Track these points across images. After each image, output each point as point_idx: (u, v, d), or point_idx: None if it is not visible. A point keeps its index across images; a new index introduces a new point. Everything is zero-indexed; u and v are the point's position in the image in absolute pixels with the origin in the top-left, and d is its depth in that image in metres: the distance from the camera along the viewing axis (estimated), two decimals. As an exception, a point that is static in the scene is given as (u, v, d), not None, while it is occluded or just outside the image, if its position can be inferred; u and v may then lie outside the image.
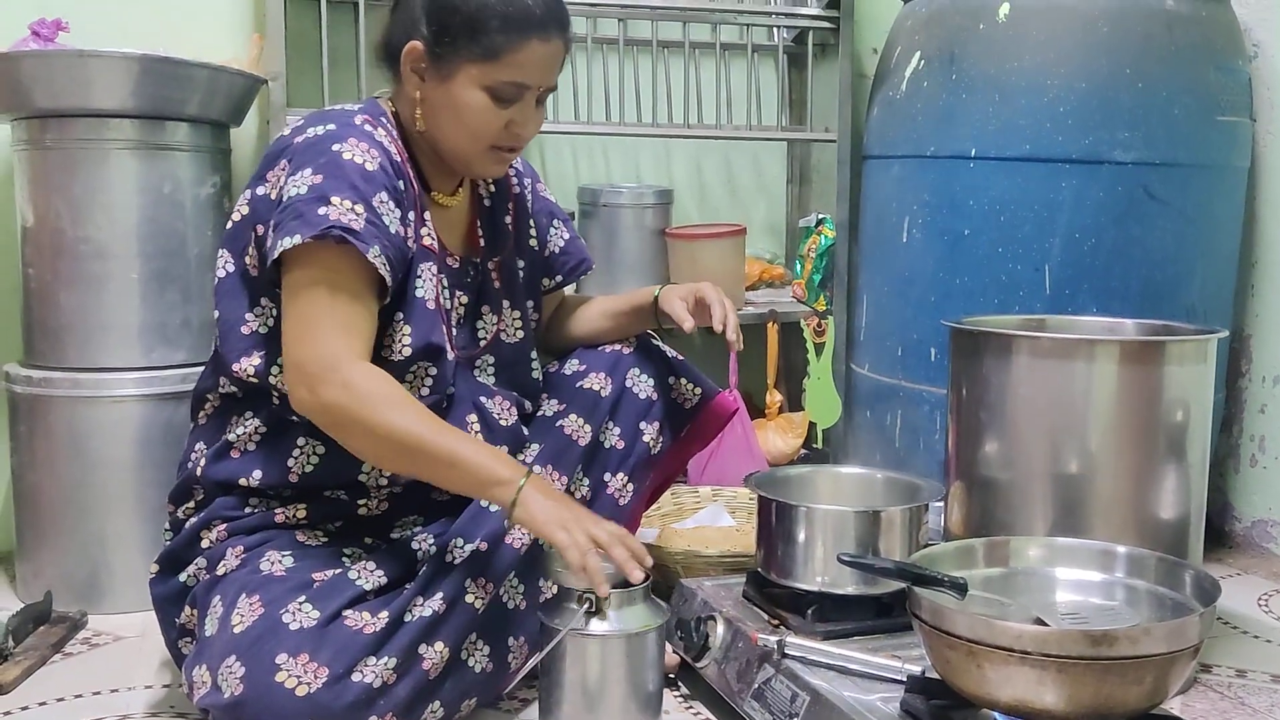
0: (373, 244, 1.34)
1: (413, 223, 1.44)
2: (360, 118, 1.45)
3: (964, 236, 2.10)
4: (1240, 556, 2.29)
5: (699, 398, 1.73)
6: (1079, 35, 2.02)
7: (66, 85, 1.89)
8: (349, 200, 1.34)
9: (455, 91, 1.43)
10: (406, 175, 1.46)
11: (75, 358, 1.94)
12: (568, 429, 1.61)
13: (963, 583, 1.32)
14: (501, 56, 1.41)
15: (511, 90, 1.43)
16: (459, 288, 1.55)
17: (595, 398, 1.64)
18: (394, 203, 1.40)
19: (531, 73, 1.43)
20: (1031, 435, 1.61)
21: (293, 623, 1.33)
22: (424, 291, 1.45)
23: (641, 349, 1.72)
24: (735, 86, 2.58)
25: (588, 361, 1.70)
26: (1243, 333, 2.32)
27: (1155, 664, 1.17)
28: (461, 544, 1.46)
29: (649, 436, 1.67)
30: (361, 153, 1.39)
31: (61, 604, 1.88)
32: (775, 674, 1.40)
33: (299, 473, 1.47)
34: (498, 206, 1.65)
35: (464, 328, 1.57)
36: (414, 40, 1.43)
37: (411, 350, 1.43)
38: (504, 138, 1.47)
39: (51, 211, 1.92)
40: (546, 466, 1.58)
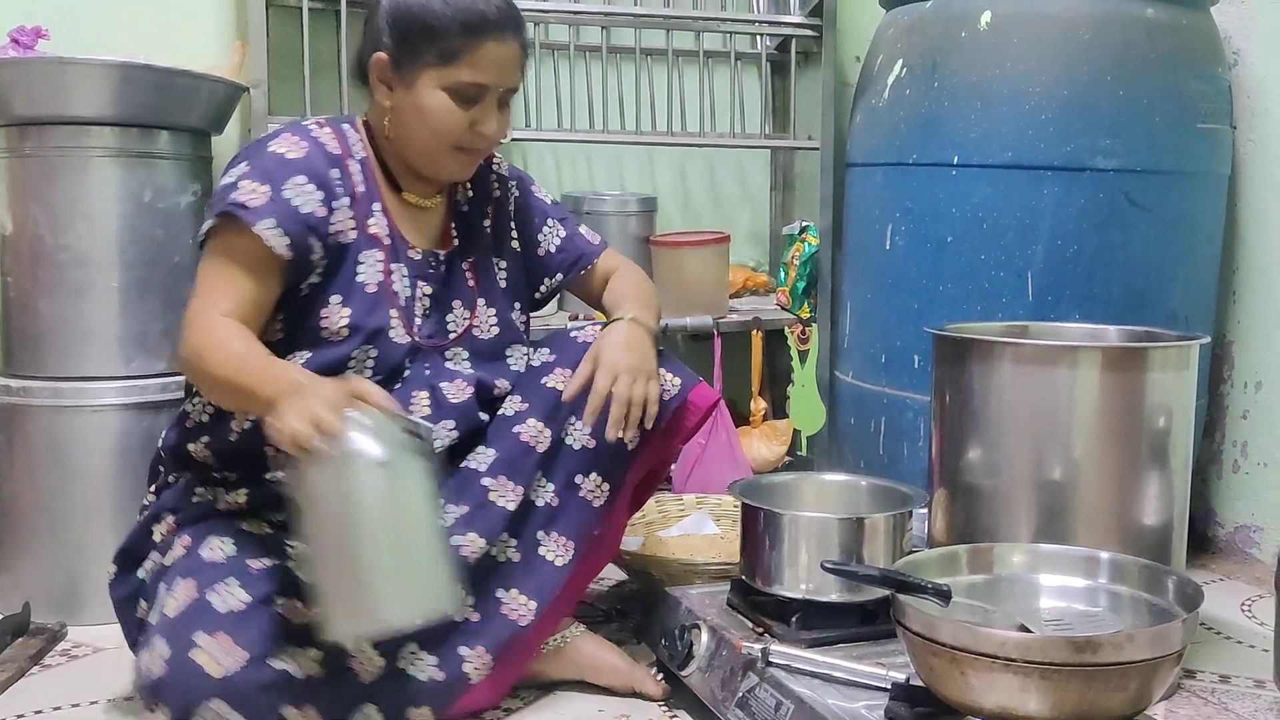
0: (265, 218, 1.42)
1: (351, 212, 1.52)
2: (314, 122, 1.56)
3: (947, 244, 2.10)
4: (1223, 562, 2.30)
5: (678, 389, 1.67)
6: (1060, 43, 2.03)
7: (46, 93, 1.88)
8: (255, 182, 1.44)
9: (419, 95, 1.51)
10: (346, 169, 1.53)
11: (55, 367, 1.93)
12: (524, 435, 1.61)
13: (946, 590, 1.31)
14: (460, 58, 1.49)
15: (472, 90, 1.51)
16: (421, 279, 1.59)
17: (556, 398, 1.62)
18: (316, 186, 1.47)
19: (489, 73, 1.51)
20: (1015, 442, 1.61)
21: (220, 604, 1.35)
22: (365, 277, 1.52)
23: None
24: (719, 94, 2.58)
25: (559, 351, 1.68)
26: (1225, 338, 2.33)
27: (1139, 670, 1.17)
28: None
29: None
30: (289, 144, 1.49)
31: (40, 615, 1.86)
32: (759, 682, 1.39)
33: (239, 430, 1.50)
34: (474, 210, 1.69)
35: (431, 318, 1.60)
36: (379, 52, 1.52)
37: (349, 330, 1.50)
38: (467, 138, 1.53)
39: (31, 219, 1.91)
40: (499, 477, 1.58)
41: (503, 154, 2.60)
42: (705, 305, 2.45)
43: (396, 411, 1.32)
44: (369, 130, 1.60)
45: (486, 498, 1.56)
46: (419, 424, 1.34)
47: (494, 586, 1.55)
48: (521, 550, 1.58)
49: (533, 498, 1.60)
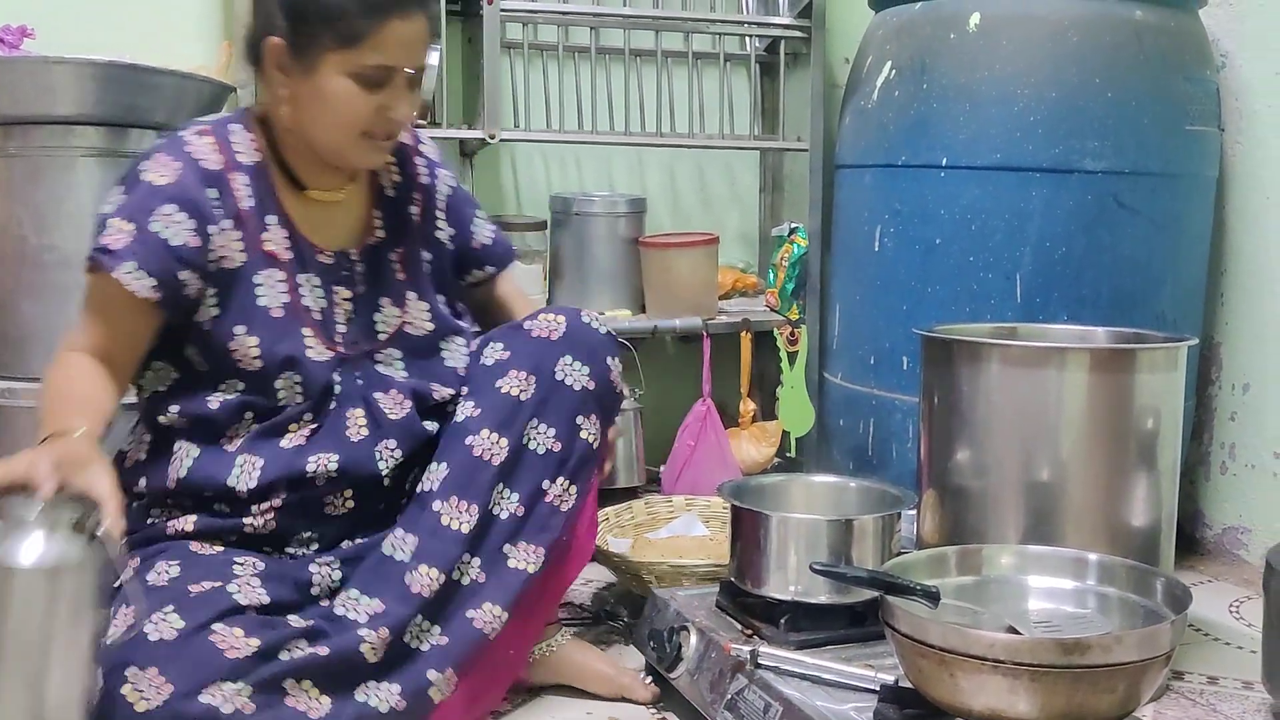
0: (124, 260, 1.36)
1: (238, 233, 1.43)
2: (195, 130, 1.46)
3: (935, 245, 2.10)
4: (1211, 563, 2.30)
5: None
6: (1049, 45, 2.03)
7: (30, 92, 1.87)
8: (122, 219, 1.38)
9: (321, 82, 1.40)
10: (229, 185, 1.43)
11: (39, 368, 1.87)
12: (477, 449, 1.51)
13: (935, 591, 1.31)
14: (363, 40, 1.38)
15: (378, 74, 1.40)
16: (336, 283, 1.51)
17: (513, 404, 1.53)
18: (188, 214, 1.39)
19: (396, 53, 1.40)
20: (1003, 443, 1.61)
21: (153, 634, 1.28)
22: (267, 300, 1.45)
23: (574, 328, 1.58)
24: (708, 95, 2.58)
25: (513, 348, 1.57)
26: (1213, 340, 2.34)
27: (1127, 672, 1.17)
28: (357, 596, 1.43)
29: (588, 432, 1.56)
30: (160, 167, 1.40)
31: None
32: (748, 684, 1.39)
33: (176, 477, 1.45)
34: (402, 197, 1.60)
35: (356, 323, 1.52)
36: (273, 36, 1.40)
37: (262, 362, 1.44)
38: (377, 124, 1.43)
39: (14, 220, 1.90)
40: (450, 499, 1.48)
41: (491, 154, 2.60)
42: (694, 306, 2.45)
43: (102, 505, 1.20)
44: (264, 125, 1.49)
45: (439, 523, 1.47)
46: (96, 521, 1.20)
47: (462, 610, 1.47)
48: (487, 569, 1.49)
49: (494, 510, 1.51)
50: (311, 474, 1.45)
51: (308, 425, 1.48)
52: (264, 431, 1.46)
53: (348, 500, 1.51)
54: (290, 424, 1.47)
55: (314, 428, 1.48)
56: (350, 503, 1.51)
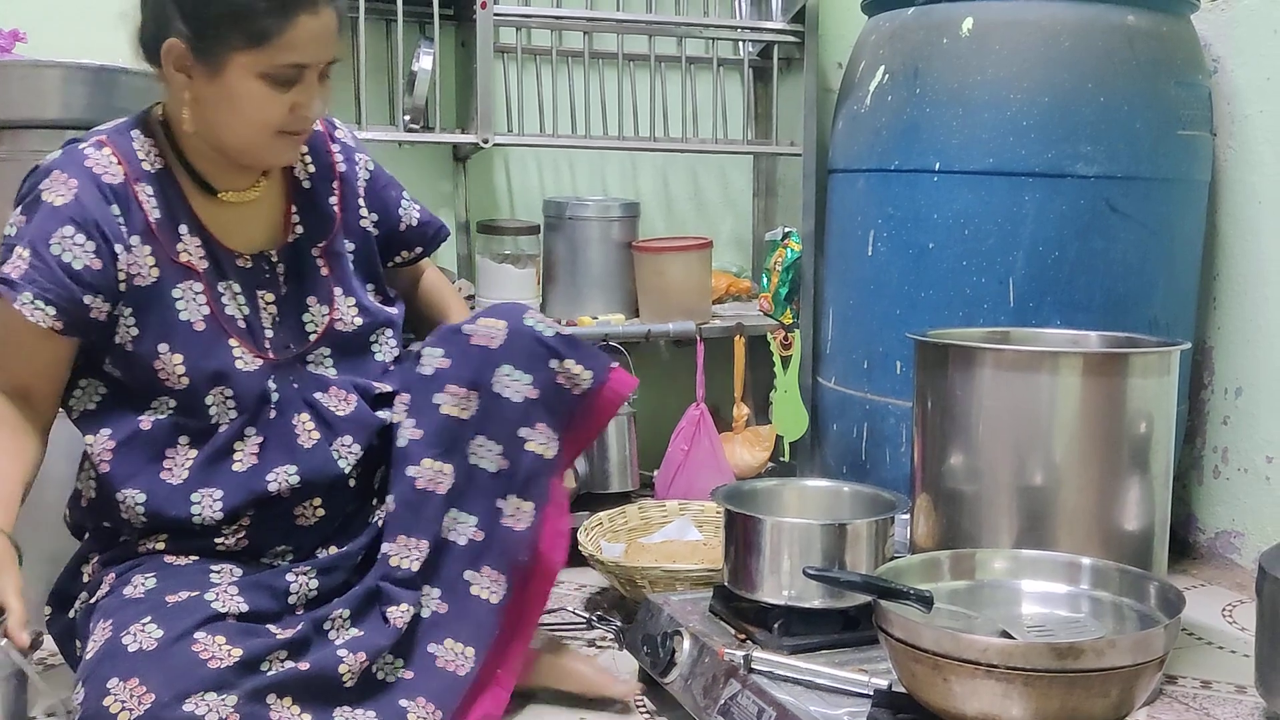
0: (23, 291, 1.32)
1: (148, 248, 1.39)
2: (93, 139, 1.40)
3: (928, 250, 2.10)
4: (1204, 567, 2.30)
5: (590, 381, 1.51)
6: (1041, 50, 2.04)
7: (22, 96, 1.86)
8: (20, 245, 1.34)
9: (229, 84, 1.34)
10: (133, 198, 1.38)
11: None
12: (420, 480, 1.47)
13: (928, 596, 1.31)
14: (272, 40, 1.32)
15: (290, 73, 1.35)
16: (258, 287, 1.47)
17: (455, 425, 1.48)
18: (86, 236, 1.34)
19: (307, 50, 1.35)
20: (996, 447, 1.61)
21: (132, 644, 1.27)
22: (188, 314, 1.41)
23: (514, 335, 1.50)
24: (701, 100, 2.58)
25: (452, 356, 1.51)
26: (1205, 344, 2.34)
27: (1121, 676, 1.17)
28: (346, 619, 1.43)
29: (535, 443, 1.49)
30: (58, 185, 1.35)
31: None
32: (742, 689, 1.39)
33: (135, 525, 1.43)
34: (320, 188, 1.54)
35: (284, 325, 1.49)
36: (172, 38, 1.34)
37: (189, 379, 1.40)
38: (290, 122, 1.38)
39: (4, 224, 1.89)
40: (398, 539, 1.46)
41: (485, 159, 2.60)
42: (688, 311, 2.45)
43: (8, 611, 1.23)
44: (166, 127, 1.43)
45: (389, 565, 1.46)
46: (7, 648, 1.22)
47: (424, 643, 1.44)
48: (448, 599, 1.46)
49: (449, 537, 1.48)
50: (275, 492, 1.43)
51: (253, 441, 1.44)
52: (210, 459, 1.43)
53: (317, 509, 1.49)
54: (234, 442, 1.44)
55: (260, 441, 1.44)
56: (320, 510, 1.49)
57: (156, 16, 1.36)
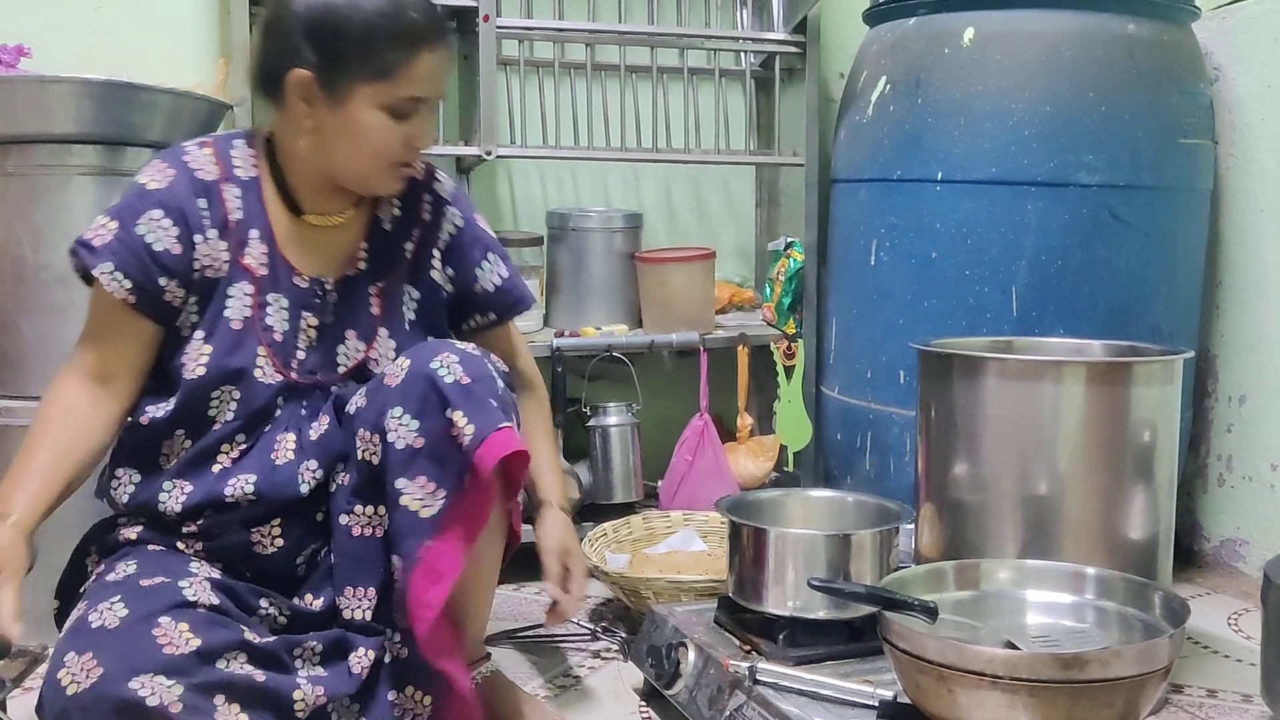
0: (104, 260, 1.39)
1: (224, 243, 1.44)
2: (197, 141, 1.49)
3: (931, 259, 2.11)
4: (1209, 576, 2.30)
5: (471, 437, 1.36)
6: (1042, 59, 2.04)
7: (28, 111, 1.87)
8: (107, 218, 1.41)
9: (352, 115, 1.42)
10: (219, 196, 1.45)
11: (37, 386, 1.89)
12: (355, 528, 1.44)
13: (933, 607, 1.31)
14: (396, 73, 1.40)
15: (409, 105, 1.43)
16: (306, 309, 1.49)
17: (369, 469, 1.42)
18: (173, 221, 1.41)
19: (426, 85, 1.43)
20: (1000, 457, 1.61)
21: (96, 621, 1.28)
22: (231, 311, 1.45)
23: (412, 376, 1.41)
24: (703, 111, 2.58)
25: (368, 397, 1.45)
26: (1209, 353, 2.34)
27: (1126, 686, 1.17)
28: (317, 651, 1.41)
29: (410, 497, 1.38)
30: (154, 173, 1.44)
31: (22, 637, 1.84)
32: (747, 700, 1.39)
33: (119, 500, 1.47)
34: (398, 232, 1.57)
35: (317, 351, 1.50)
36: (299, 68, 1.40)
37: (206, 371, 1.43)
38: (403, 154, 1.46)
39: (13, 238, 1.90)
40: (345, 590, 1.43)
41: (488, 171, 2.61)
42: (691, 321, 2.45)
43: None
44: (270, 145, 1.49)
45: (344, 617, 1.43)
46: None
47: (385, 689, 1.42)
48: (408, 643, 1.40)
49: (398, 579, 1.41)
50: (230, 498, 1.43)
51: (238, 447, 1.46)
52: (198, 455, 1.44)
53: (276, 537, 1.47)
54: (222, 444, 1.45)
55: (243, 449, 1.46)
56: (279, 539, 1.47)
57: (283, 48, 1.41)
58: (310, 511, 1.48)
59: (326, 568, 1.48)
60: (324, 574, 1.49)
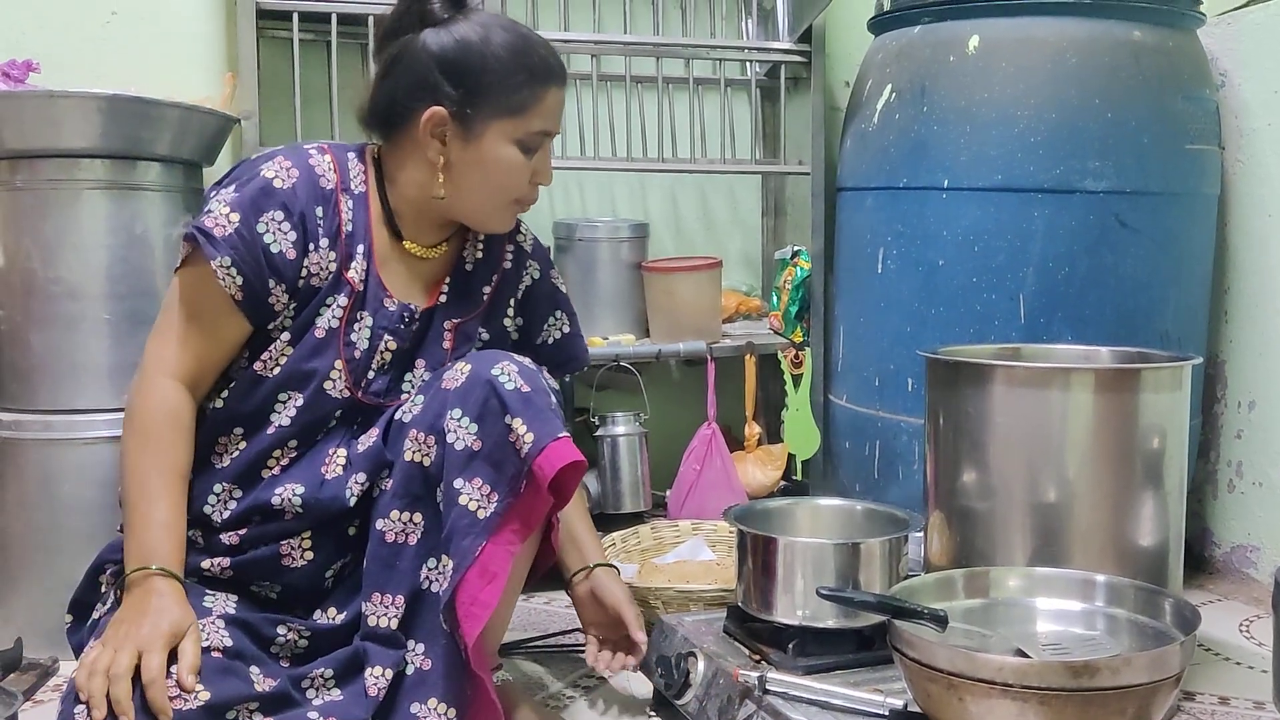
0: (223, 252, 1.37)
1: (332, 253, 1.45)
2: (316, 146, 1.48)
3: (938, 267, 2.11)
4: (1220, 582, 2.29)
5: (531, 445, 1.37)
6: (1048, 66, 2.04)
7: (37, 126, 1.88)
8: (228, 209, 1.39)
9: (486, 149, 1.45)
10: (336, 206, 1.45)
11: (46, 400, 1.92)
12: (390, 534, 1.43)
13: (943, 615, 1.31)
14: (530, 109, 1.45)
15: (539, 140, 1.47)
16: (390, 332, 1.50)
17: (418, 473, 1.43)
18: (292, 226, 1.41)
19: (552, 119, 1.48)
20: (1009, 464, 1.61)
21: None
22: (321, 320, 1.45)
23: (473, 380, 1.42)
24: (709, 120, 2.59)
25: (424, 401, 1.46)
26: (1217, 358, 2.34)
27: (1137, 694, 1.16)
28: (329, 678, 1.41)
29: (467, 497, 1.38)
30: (279, 169, 1.42)
31: (32, 650, 1.85)
32: (757, 710, 1.39)
33: (221, 518, 1.45)
34: (479, 273, 1.59)
35: (387, 374, 1.51)
36: (436, 105, 1.43)
37: (281, 370, 1.44)
38: (528, 189, 1.50)
39: (22, 252, 1.91)
40: (373, 597, 1.42)
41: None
42: (698, 330, 2.45)
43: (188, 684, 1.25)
44: (379, 168, 1.51)
45: (369, 625, 1.42)
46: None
47: (407, 702, 1.39)
48: (432, 654, 1.40)
49: (431, 588, 1.41)
50: (278, 506, 1.44)
51: (289, 455, 1.46)
52: (251, 464, 1.45)
53: (305, 550, 1.47)
54: (275, 449, 1.45)
55: (294, 458, 1.46)
56: (309, 552, 1.47)
57: (416, 85, 1.44)
58: (344, 525, 1.48)
59: (355, 582, 1.47)
60: (351, 588, 1.48)
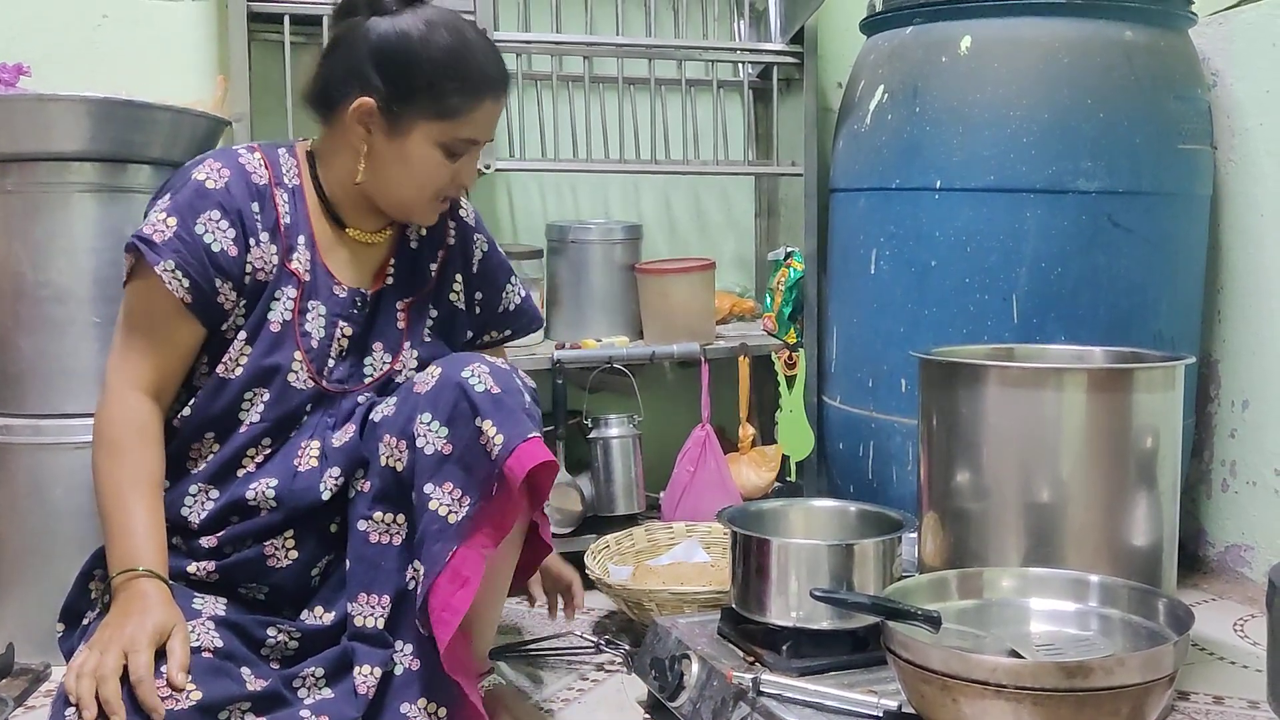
0: (166, 257, 1.38)
1: (274, 246, 1.46)
2: (246, 146, 1.51)
3: (931, 268, 2.11)
4: (1215, 582, 2.29)
5: (500, 447, 1.37)
6: (1040, 67, 2.04)
7: (27, 129, 1.87)
8: (164, 214, 1.40)
9: (409, 147, 1.46)
10: (272, 200, 1.47)
11: (36, 404, 1.91)
12: (373, 534, 1.43)
13: (936, 616, 1.31)
14: (460, 116, 1.45)
15: (465, 146, 1.48)
16: (342, 318, 1.51)
17: (393, 477, 1.43)
18: (229, 223, 1.42)
19: (482, 129, 1.49)
20: (1002, 465, 1.61)
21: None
22: (274, 314, 1.46)
23: (442, 384, 1.42)
24: (702, 122, 2.59)
25: (396, 404, 1.47)
26: (1210, 358, 2.34)
27: (1131, 694, 1.16)
28: (320, 678, 1.41)
29: (438, 502, 1.37)
30: (209, 171, 1.44)
31: (24, 655, 1.84)
32: (751, 712, 1.38)
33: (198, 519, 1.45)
34: (424, 251, 1.61)
35: (347, 360, 1.52)
36: (365, 96, 1.44)
37: (244, 370, 1.44)
38: (449, 189, 1.51)
39: (12, 256, 1.90)
40: (359, 597, 1.42)
41: (487, 184, 2.61)
42: (692, 332, 2.45)
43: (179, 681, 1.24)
44: (312, 160, 1.53)
45: (356, 625, 1.42)
46: None
47: (397, 702, 1.39)
48: (420, 654, 1.40)
49: (413, 588, 1.40)
50: (251, 500, 1.44)
51: (263, 452, 1.46)
52: (225, 464, 1.45)
53: (290, 549, 1.46)
54: (249, 448, 1.46)
55: (268, 454, 1.47)
56: (293, 551, 1.46)
57: (350, 71, 1.45)
58: (325, 522, 1.48)
59: (339, 579, 1.47)
60: (336, 586, 1.48)
